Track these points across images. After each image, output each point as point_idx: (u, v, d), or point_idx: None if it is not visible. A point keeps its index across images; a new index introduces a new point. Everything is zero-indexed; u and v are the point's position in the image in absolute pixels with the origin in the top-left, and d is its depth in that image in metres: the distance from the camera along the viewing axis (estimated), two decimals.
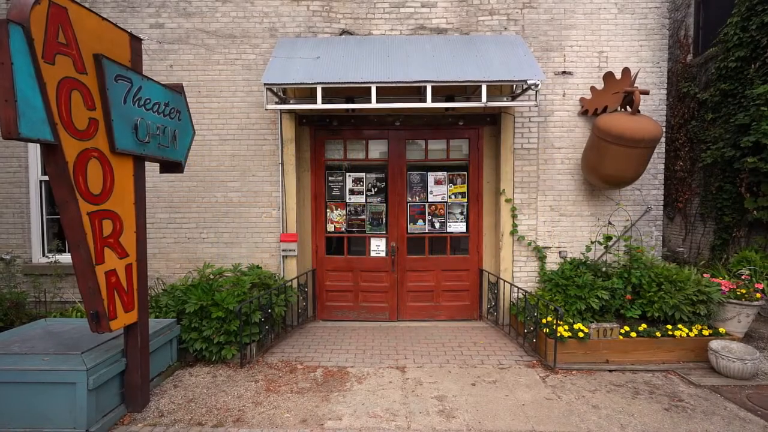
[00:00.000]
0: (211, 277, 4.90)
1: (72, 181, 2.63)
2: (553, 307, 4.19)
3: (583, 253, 5.21)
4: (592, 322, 4.62)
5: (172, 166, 3.77)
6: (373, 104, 4.43)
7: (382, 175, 5.57)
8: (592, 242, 5.20)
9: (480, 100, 4.48)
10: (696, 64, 7.60)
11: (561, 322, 4.39)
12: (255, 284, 4.89)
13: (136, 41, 3.26)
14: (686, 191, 7.58)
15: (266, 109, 4.52)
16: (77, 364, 2.91)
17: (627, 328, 4.35)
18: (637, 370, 4.13)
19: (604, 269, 4.95)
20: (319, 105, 4.44)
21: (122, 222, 3.05)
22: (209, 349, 4.18)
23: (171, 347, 4.07)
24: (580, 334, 4.25)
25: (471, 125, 5.48)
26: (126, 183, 3.11)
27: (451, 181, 5.58)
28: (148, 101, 3.26)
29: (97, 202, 2.83)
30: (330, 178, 5.60)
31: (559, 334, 4.19)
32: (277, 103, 4.96)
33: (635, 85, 4.64)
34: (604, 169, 4.72)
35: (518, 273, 5.36)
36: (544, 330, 4.35)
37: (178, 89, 3.69)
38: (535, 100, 4.50)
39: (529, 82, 4.25)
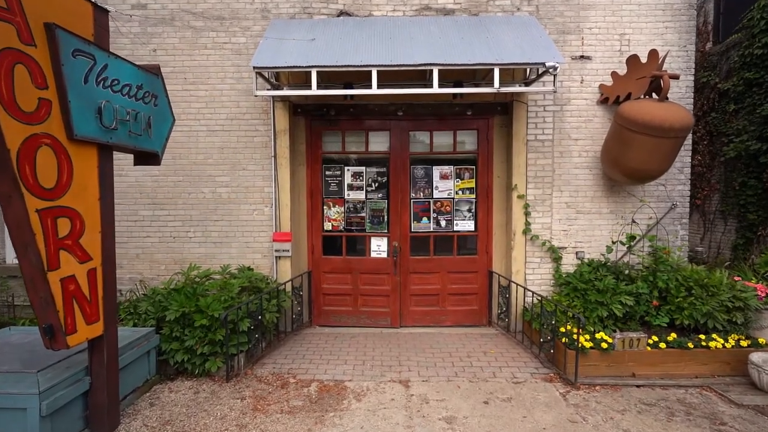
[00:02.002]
0: (197, 280, 4.49)
1: (16, 171, 2.21)
2: (573, 315, 3.77)
3: (603, 254, 4.78)
4: (614, 330, 4.20)
5: (148, 157, 3.36)
6: (374, 90, 4.00)
7: (384, 170, 5.15)
8: (613, 242, 4.77)
9: (491, 86, 4.04)
10: (716, 52, 7.14)
11: (582, 332, 3.97)
12: (245, 288, 4.48)
13: (101, 13, 2.84)
14: (705, 187, 7.13)
15: (256, 96, 4.10)
16: (29, 387, 2.50)
17: (655, 338, 3.93)
18: (667, 385, 3.71)
19: (627, 272, 4.52)
20: (314, 91, 4.02)
21: (83, 221, 2.64)
22: (192, 361, 3.78)
23: (149, 359, 3.67)
24: (604, 345, 3.84)
25: (480, 115, 5.04)
26: (88, 175, 2.69)
27: (459, 176, 5.15)
28: (116, 82, 2.84)
29: (50, 198, 2.42)
30: (327, 173, 5.17)
31: (580, 345, 3.77)
32: (268, 89, 4.53)
33: (663, 68, 4.21)
34: (628, 162, 4.28)
35: (531, 275, 4.94)
36: (563, 339, 3.93)
37: (154, 71, 3.27)
38: (553, 86, 4.07)
39: (547, 64, 3.81)
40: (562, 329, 4.06)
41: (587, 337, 3.92)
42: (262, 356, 4.28)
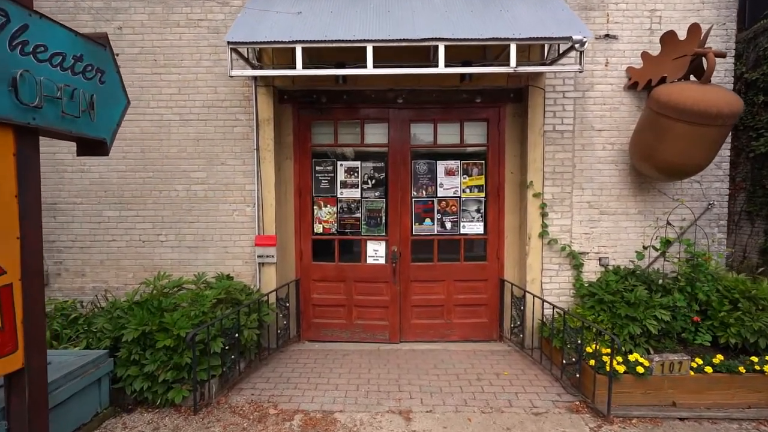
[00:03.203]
0: (168, 291, 3.90)
1: None
2: (599, 331, 3.19)
3: (632, 261, 4.20)
4: (647, 349, 3.63)
5: (93, 146, 2.77)
6: (369, 69, 3.41)
7: (381, 165, 4.56)
8: (645, 247, 4.19)
9: (506, 65, 3.46)
10: (742, 39, 6.54)
11: (609, 350, 3.39)
12: (222, 300, 3.89)
13: None
14: (730, 185, 6.54)
15: (231, 77, 3.51)
16: None
17: (699, 361, 3.35)
18: (717, 418, 3.14)
19: (660, 281, 3.94)
20: (299, 70, 3.42)
21: None
22: (153, 390, 3.19)
23: (100, 389, 3.07)
24: (639, 369, 3.25)
25: (490, 103, 4.45)
26: (1, 166, 2.10)
27: (466, 172, 4.56)
28: (42, 49, 2.24)
29: None
30: (318, 168, 4.58)
31: (612, 370, 3.18)
32: (251, 71, 3.94)
33: (706, 45, 3.63)
34: (663, 155, 3.70)
35: (548, 284, 4.35)
36: (590, 362, 3.35)
37: (100, 40, 2.68)
38: (579, 64, 3.47)
39: (574, 38, 3.23)
40: (589, 349, 3.48)
41: (619, 359, 3.34)
42: (240, 380, 3.69)
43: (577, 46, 3.30)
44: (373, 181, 4.56)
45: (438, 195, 4.56)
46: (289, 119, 4.52)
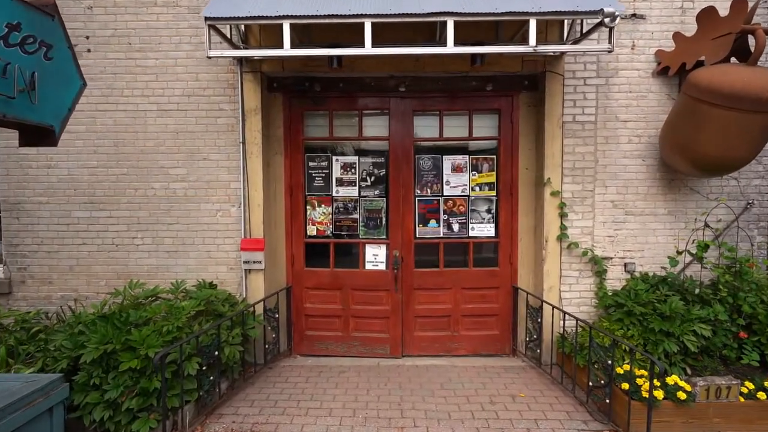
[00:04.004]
0: (140, 301, 3.46)
1: None
2: (628, 348, 2.74)
3: (664, 267, 3.75)
4: (683, 368, 3.18)
5: (39, 135, 2.32)
6: (368, 49, 2.97)
7: (382, 160, 4.12)
8: (679, 252, 3.73)
9: (524, 45, 3.02)
10: None
11: (645, 372, 2.95)
12: (202, 312, 3.46)
13: None
14: None
15: (209, 58, 3.07)
16: None
17: (750, 385, 2.90)
18: None
19: (696, 291, 3.49)
20: (287, 50, 2.98)
21: None
22: (115, 419, 2.74)
23: (51, 420, 2.61)
24: (681, 395, 2.80)
25: (502, 91, 4.01)
26: None
27: (475, 168, 4.12)
28: None
29: None
30: (311, 164, 4.14)
31: (647, 395, 2.73)
32: (231, 50, 3.50)
33: (753, 22, 3.18)
34: (701, 147, 3.25)
35: (567, 293, 3.90)
36: (623, 385, 2.90)
37: (46, 9, 2.24)
38: (610, 43, 3.02)
39: (606, 10, 2.78)
40: (620, 370, 3.03)
41: (656, 383, 2.89)
42: (221, 404, 3.24)
43: (607, 21, 2.84)
44: (373, 179, 4.12)
45: (444, 194, 4.11)
46: (279, 110, 4.08)
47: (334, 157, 4.13)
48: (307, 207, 4.15)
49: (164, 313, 3.22)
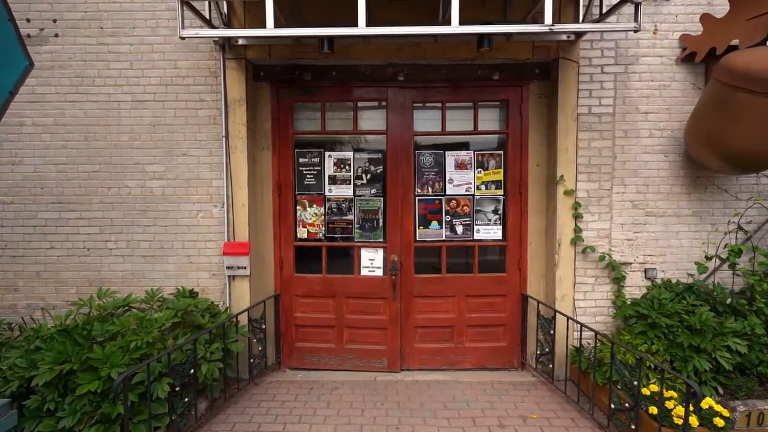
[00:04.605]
0: (111, 312, 3.12)
1: None
2: (654, 366, 2.40)
3: (689, 273, 3.42)
4: (714, 387, 2.84)
5: None
6: (362, 28, 2.64)
7: (379, 156, 3.77)
8: (707, 257, 3.38)
9: (539, 24, 2.67)
10: None
11: (674, 393, 2.61)
12: (179, 323, 3.12)
13: None
14: None
15: (182, 38, 2.73)
16: None
17: None
18: None
19: (728, 301, 3.15)
20: (270, 30, 2.64)
21: None
22: None
23: None
24: (719, 422, 2.46)
25: (511, 80, 3.66)
26: None
27: (481, 165, 3.77)
28: None
29: None
30: (301, 160, 3.80)
31: (677, 419, 2.39)
32: (207, 30, 3.16)
33: None
34: (735, 140, 2.91)
35: (582, 302, 3.56)
36: (650, 410, 2.56)
37: None
38: (636, 21, 2.68)
39: None
40: (646, 391, 2.68)
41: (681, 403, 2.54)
42: (197, 427, 2.90)
43: None
44: (369, 176, 3.77)
45: (447, 193, 3.77)
46: (266, 101, 3.73)
47: (327, 153, 3.78)
48: (297, 207, 3.81)
49: (134, 326, 2.87)
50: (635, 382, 2.60)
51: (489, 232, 3.78)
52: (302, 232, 3.81)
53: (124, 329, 2.81)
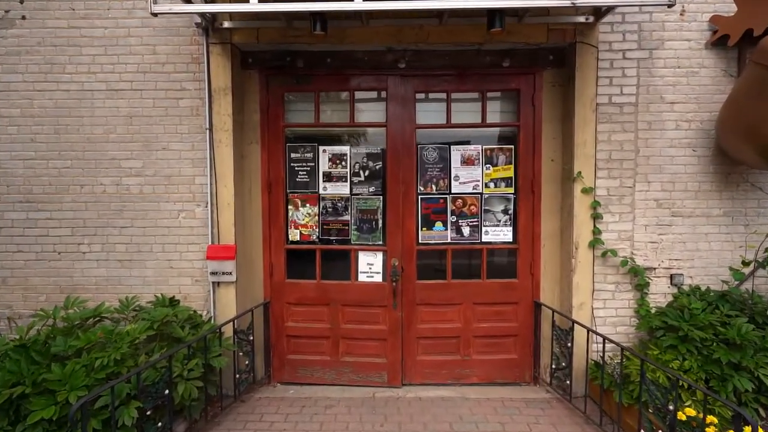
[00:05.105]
0: (79, 323, 2.80)
1: None
2: (688, 385, 2.08)
3: (726, 282, 3.09)
4: (755, 409, 2.52)
5: None
6: (357, 3, 2.32)
7: (378, 151, 3.45)
8: (746, 262, 3.05)
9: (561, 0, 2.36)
10: None
11: (716, 420, 2.28)
12: (156, 336, 2.80)
13: None
14: None
15: (153, 14, 2.41)
16: None
17: None
18: None
19: None
20: (254, 5, 2.33)
21: None
22: None
23: None
24: None
25: (523, 68, 3.34)
26: None
27: (490, 160, 3.45)
28: None
29: None
30: (293, 155, 3.48)
31: None
32: (182, 4, 2.84)
33: None
34: None
35: (601, 311, 3.24)
36: None
37: None
38: None
39: None
40: (682, 416, 2.35)
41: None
42: None
43: None
44: (367, 173, 3.45)
45: (452, 191, 3.45)
46: (254, 90, 3.41)
47: (321, 148, 3.46)
48: (289, 207, 3.49)
49: (102, 340, 2.55)
50: (670, 406, 2.27)
51: (498, 233, 3.46)
52: (294, 234, 3.49)
53: (90, 344, 2.49)
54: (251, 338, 3.26)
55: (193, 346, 2.74)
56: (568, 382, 3.14)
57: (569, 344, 3.11)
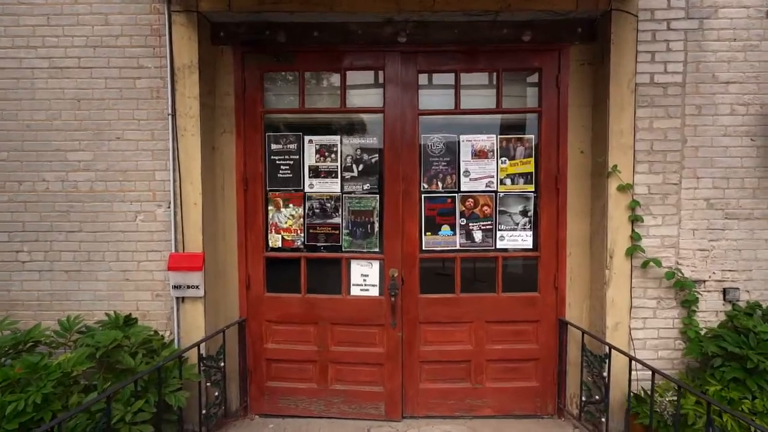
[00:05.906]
0: (9, 349, 2.28)
1: None
2: None
3: None
4: None
5: None
6: None
7: (374, 141, 2.93)
8: None
9: None
10: None
11: None
12: (101, 365, 2.27)
13: None
14: None
15: None
16: None
17: None
18: None
19: None
20: None
21: None
22: None
23: None
24: None
25: (546, 43, 2.82)
26: None
27: (506, 153, 2.93)
28: None
29: None
30: (274, 147, 2.95)
31: None
32: None
33: None
34: None
35: (640, 331, 2.71)
36: None
37: None
38: None
39: None
40: None
41: None
42: None
43: None
44: (361, 167, 2.92)
45: (462, 189, 2.92)
46: (228, 70, 2.89)
47: (307, 138, 2.93)
48: (269, 207, 2.96)
49: (23, 375, 2.03)
50: None
51: (516, 239, 2.93)
52: (275, 240, 2.96)
53: (5, 382, 1.97)
54: (222, 365, 2.73)
55: (144, 380, 2.21)
56: (603, 419, 2.60)
57: (605, 373, 2.57)
